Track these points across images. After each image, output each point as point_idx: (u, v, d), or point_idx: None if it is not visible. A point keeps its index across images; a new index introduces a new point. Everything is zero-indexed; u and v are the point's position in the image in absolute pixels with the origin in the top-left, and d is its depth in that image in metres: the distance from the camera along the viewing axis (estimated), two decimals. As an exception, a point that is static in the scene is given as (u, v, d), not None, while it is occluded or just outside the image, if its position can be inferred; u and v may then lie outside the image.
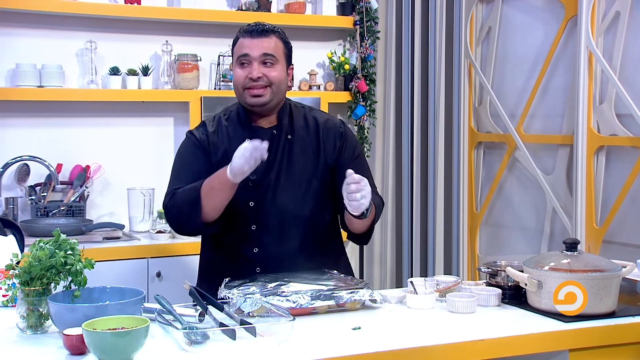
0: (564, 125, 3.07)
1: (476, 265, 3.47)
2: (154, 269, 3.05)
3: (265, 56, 2.09)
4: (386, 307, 1.93)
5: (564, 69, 3.05)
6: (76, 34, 3.41)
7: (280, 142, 2.14)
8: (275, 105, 2.14)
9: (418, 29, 3.65)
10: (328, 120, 2.21)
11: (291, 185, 2.11)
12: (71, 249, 1.70)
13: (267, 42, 2.10)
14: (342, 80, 3.89)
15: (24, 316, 1.68)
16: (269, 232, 2.11)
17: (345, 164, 2.11)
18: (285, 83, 2.14)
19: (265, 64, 2.09)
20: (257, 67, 2.08)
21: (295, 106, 2.23)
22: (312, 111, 2.24)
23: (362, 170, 2.08)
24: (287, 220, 2.11)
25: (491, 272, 2.03)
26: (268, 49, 2.09)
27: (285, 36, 2.18)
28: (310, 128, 2.18)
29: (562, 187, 3.05)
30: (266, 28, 2.13)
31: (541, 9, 3.19)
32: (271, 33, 2.13)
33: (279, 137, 2.15)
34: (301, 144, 2.15)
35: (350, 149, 2.20)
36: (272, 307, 1.73)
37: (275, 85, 2.10)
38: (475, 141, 3.49)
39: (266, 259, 2.11)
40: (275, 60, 2.10)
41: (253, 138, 2.00)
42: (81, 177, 3.36)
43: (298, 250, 2.12)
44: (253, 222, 2.11)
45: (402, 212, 3.78)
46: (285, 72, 2.14)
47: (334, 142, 2.17)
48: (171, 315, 1.70)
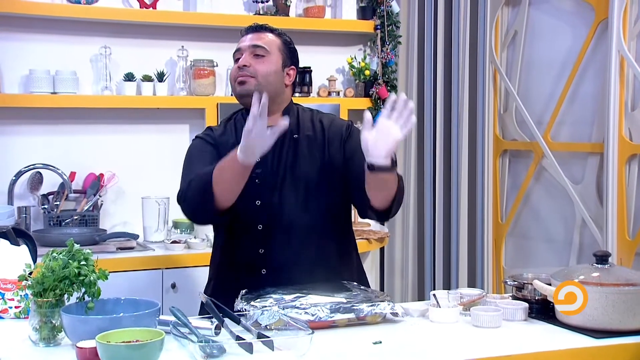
0: (594, 132, 3.05)
1: (501, 277, 3.45)
2: (169, 280, 3.07)
3: (254, 48, 2.13)
4: (408, 320, 1.93)
5: (594, 74, 3.03)
6: (90, 40, 3.45)
7: (285, 141, 2.15)
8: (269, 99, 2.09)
9: (441, 33, 3.65)
10: (334, 121, 2.24)
11: (297, 185, 2.13)
12: (85, 260, 1.72)
13: (258, 36, 2.16)
14: (363, 86, 3.89)
15: (36, 328, 1.69)
16: (275, 232, 2.13)
17: (356, 150, 2.06)
18: (278, 77, 2.15)
19: (256, 57, 2.13)
20: (246, 57, 2.13)
21: (302, 109, 2.27)
22: (319, 114, 2.27)
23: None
24: (294, 220, 2.12)
25: (517, 285, 2.02)
26: (259, 40, 2.14)
27: (286, 37, 2.22)
28: (316, 129, 2.20)
29: (592, 197, 3.03)
30: (263, 26, 2.19)
31: (570, 12, 3.17)
32: (267, 30, 2.18)
33: (282, 137, 2.08)
34: (307, 144, 2.17)
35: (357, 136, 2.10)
36: (290, 320, 1.74)
37: (262, 76, 2.11)
38: (500, 149, 3.48)
39: (272, 260, 2.12)
40: (266, 52, 2.13)
41: None
42: (95, 186, 3.39)
43: (304, 252, 2.13)
44: (259, 221, 2.13)
45: (425, 222, 3.76)
46: (280, 67, 2.15)
47: (339, 139, 2.18)
48: (187, 327, 1.71)
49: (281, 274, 2.09)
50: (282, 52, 2.17)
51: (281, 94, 2.18)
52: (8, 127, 3.34)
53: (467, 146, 3.50)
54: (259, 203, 2.13)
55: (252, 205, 2.12)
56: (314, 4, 3.77)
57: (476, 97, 3.47)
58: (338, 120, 2.26)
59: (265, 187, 2.13)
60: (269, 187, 2.13)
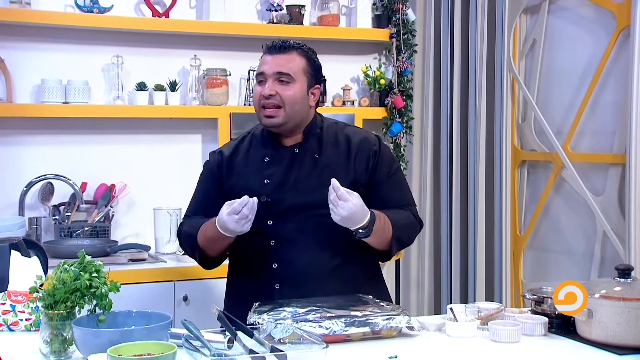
0: (616, 143, 3.03)
1: (520, 291, 3.43)
2: (181, 293, 3.08)
3: (279, 74, 2.12)
4: (424, 334, 1.92)
5: (615, 83, 3.02)
6: (102, 49, 3.48)
7: (305, 162, 2.17)
8: (293, 125, 2.16)
9: (458, 42, 3.65)
10: (361, 137, 2.23)
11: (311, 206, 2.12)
12: (96, 271, 1.73)
13: (284, 60, 2.13)
14: (378, 95, 3.90)
15: (47, 341, 1.70)
16: (289, 247, 2.14)
17: (381, 182, 2.18)
18: (304, 103, 2.15)
19: (280, 82, 2.12)
20: (270, 84, 2.12)
21: (328, 123, 2.26)
22: (346, 128, 2.26)
23: (398, 188, 2.20)
24: (307, 236, 2.13)
25: (537, 299, 2.01)
26: (283, 67, 2.12)
27: (312, 53, 2.19)
28: (340, 146, 2.20)
29: (614, 209, 3.01)
30: (287, 44, 2.15)
31: (590, 19, 3.16)
32: (292, 49, 2.15)
33: (302, 155, 2.18)
34: (329, 162, 2.17)
35: (386, 167, 2.21)
36: (304, 334, 1.74)
37: (289, 106, 2.12)
38: (518, 160, 3.46)
39: (285, 274, 2.14)
40: (291, 78, 2.12)
41: (271, 157, 2.16)
42: (106, 197, 3.41)
43: (321, 266, 2.14)
44: (272, 237, 2.16)
45: (441, 234, 3.75)
46: (305, 91, 2.15)
47: (367, 162, 2.18)
48: (199, 341, 1.71)
49: (295, 289, 2.10)
50: (307, 75, 2.15)
51: (307, 117, 2.19)
52: (19, 137, 3.38)
53: (485, 157, 3.49)
54: (271, 223, 2.15)
55: (265, 225, 2.13)
56: (328, 13, 3.78)
57: (494, 107, 3.47)
58: (366, 139, 2.23)
59: (276, 208, 2.14)
60: (281, 208, 2.14)
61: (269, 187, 2.15)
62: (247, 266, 2.21)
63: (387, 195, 2.19)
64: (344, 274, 2.15)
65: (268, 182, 2.16)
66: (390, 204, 2.18)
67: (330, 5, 3.78)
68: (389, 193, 2.19)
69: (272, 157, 2.19)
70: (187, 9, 3.63)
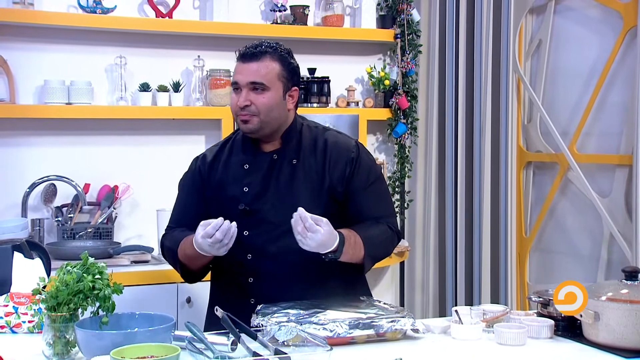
0: (622, 143, 3.02)
1: (526, 293, 3.43)
2: (184, 295, 3.08)
3: (253, 84, 2.10)
4: (429, 337, 1.92)
5: (622, 84, 3.02)
6: (105, 49, 3.48)
7: (283, 168, 2.15)
8: (271, 130, 2.15)
9: (463, 42, 3.65)
10: (339, 142, 2.19)
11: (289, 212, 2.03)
12: (99, 273, 1.73)
13: (256, 66, 2.11)
14: (382, 96, 3.90)
15: (50, 343, 1.71)
16: (265, 261, 2.12)
17: (357, 192, 2.16)
18: (281, 108, 2.13)
19: (255, 90, 2.11)
20: (245, 94, 2.11)
21: (308, 127, 2.23)
22: (326, 132, 2.23)
23: (376, 199, 2.17)
24: (284, 249, 2.10)
25: (543, 302, 2.01)
26: (256, 76, 2.10)
27: (286, 55, 2.16)
28: (317, 151, 2.17)
29: (620, 210, 3.00)
30: (258, 50, 2.12)
31: (597, 19, 3.16)
32: (264, 55, 2.11)
33: (281, 162, 2.16)
34: (306, 169, 2.15)
35: (363, 175, 2.17)
36: (308, 336, 1.74)
37: (264, 114, 2.10)
38: (524, 161, 3.46)
39: (261, 288, 2.12)
40: (265, 87, 2.10)
41: (250, 164, 2.16)
42: (109, 198, 3.42)
43: (296, 281, 2.11)
44: (249, 250, 2.14)
45: (446, 236, 3.75)
46: (281, 96, 2.13)
47: (343, 169, 2.15)
48: (202, 343, 1.71)
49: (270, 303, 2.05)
50: (282, 80, 2.13)
51: (285, 121, 2.18)
52: (22, 138, 3.38)
53: (490, 158, 3.49)
54: (247, 233, 2.13)
55: (241, 235, 2.09)
56: (332, 13, 3.78)
57: (499, 108, 3.46)
58: (344, 145, 2.19)
59: (254, 217, 2.13)
60: (259, 217, 2.13)
61: (248, 195, 2.14)
62: (225, 279, 2.22)
63: (362, 206, 2.15)
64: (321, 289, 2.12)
65: (247, 189, 2.15)
66: (366, 215, 2.15)
67: (335, 6, 3.78)
68: (365, 203, 2.16)
69: (251, 163, 2.18)
70: (190, 10, 3.64)
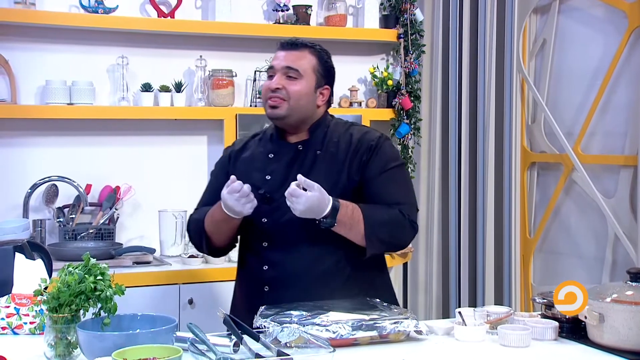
0: (627, 144, 3.02)
1: (530, 295, 3.42)
2: (186, 296, 3.08)
3: (287, 69, 2.17)
4: (432, 339, 1.92)
5: (627, 84, 3.01)
6: (107, 50, 3.49)
7: (306, 158, 2.19)
8: (297, 120, 2.19)
9: (466, 42, 3.65)
10: (363, 134, 2.23)
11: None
12: (101, 274, 1.73)
13: (294, 56, 2.18)
14: (385, 96, 3.90)
15: (51, 344, 1.71)
16: (280, 250, 2.16)
17: (372, 178, 2.16)
18: (310, 100, 2.18)
19: (288, 77, 2.17)
20: (278, 78, 2.17)
21: (336, 122, 2.28)
22: (353, 127, 2.27)
23: (390, 185, 2.16)
24: (300, 239, 2.14)
25: (547, 303, 2.00)
26: (293, 63, 2.17)
27: (325, 54, 2.23)
28: (341, 144, 2.20)
29: (625, 211, 3.00)
30: (299, 42, 2.21)
31: (601, 19, 3.16)
32: (304, 47, 2.20)
33: (305, 152, 2.20)
34: (328, 160, 2.18)
35: (379, 162, 2.18)
36: (310, 338, 1.74)
37: (294, 100, 2.15)
38: (528, 161, 3.46)
39: (275, 277, 2.16)
40: (299, 74, 2.16)
41: (275, 153, 2.21)
42: (111, 199, 3.42)
43: (310, 271, 2.14)
44: (265, 239, 2.19)
45: (449, 237, 3.75)
46: (313, 88, 2.18)
47: (361, 157, 2.18)
48: (204, 344, 1.71)
49: (284, 292, 2.11)
50: (316, 73, 2.19)
51: (312, 115, 2.21)
52: (24, 138, 3.39)
53: (494, 158, 3.49)
54: (265, 221, 2.17)
55: (259, 222, 2.17)
56: (335, 13, 3.78)
57: (503, 108, 3.46)
58: (368, 136, 2.22)
59: (273, 205, 2.16)
60: (277, 205, 2.15)
61: (269, 183, 2.18)
62: (243, 267, 2.28)
63: (376, 192, 2.16)
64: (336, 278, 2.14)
65: (270, 177, 2.20)
66: (379, 200, 2.15)
67: (337, 6, 3.78)
68: (379, 189, 2.16)
69: (276, 153, 2.23)
70: (192, 10, 3.64)
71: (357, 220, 2.08)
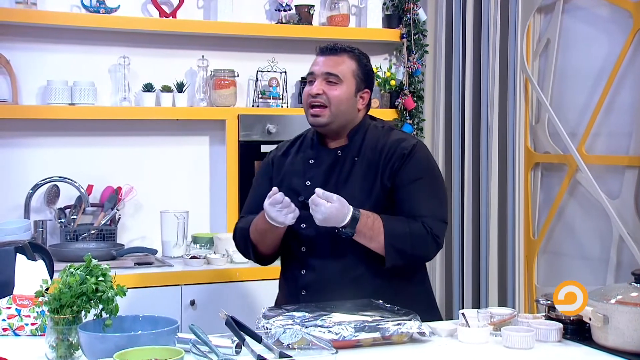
0: (632, 144, 3.01)
1: (534, 296, 3.42)
2: (188, 297, 3.08)
3: (327, 75, 2.19)
4: (436, 340, 1.92)
5: (632, 84, 3.01)
6: (109, 50, 3.49)
7: (345, 164, 2.22)
8: (339, 126, 2.23)
9: (470, 42, 3.64)
10: (397, 142, 2.23)
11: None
12: (103, 275, 1.73)
13: (334, 61, 2.21)
14: (388, 96, 3.90)
15: (53, 346, 1.71)
16: (317, 255, 2.20)
17: (401, 186, 2.18)
18: (350, 105, 2.21)
19: (329, 83, 2.19)
20: (318, 84, 2.20)
21: (375, 126, 2.29)
22: (391, 132, 2.28)
23: (418, 196, 2.16)
24: (336, 244, 2.16)
25: (551, 305, 2.00)
26: (332, 68, 2.20)
27: (364, 58, 2.27)
28: (377, 149, 2.22)
29: (630, 212, 2.99)
30: (339, 47, 2.24)
31: (606, 19, 3.15)
32: (343, 52, 2.23)
33: (344, 158, 2.23)
34: (365, 166, 2.21)
35: (411, 171, 2.18)
36: (313, 339, 1.73)
37: (335, 106, 2.18)
38: (532, 162, 3.45)
39: (312, 282, 2.20)
40: (339, 79, 2.19)
41: (315, 159, 2.24)
42: (112, 199, 3.42)
43: (345, 276, 2.17)
44: (304, 244, 2.22)
45: (453, 238, 3.74)
46: (353, 93, 2.22)
47: (393, 163, 2.19)
48: (206, 346, 1.71)
49: (320, 296, 2.13)
50: (356, 77, 2.22)
51: (353, 119, 2.24)
52: (25, 139, 3.39)
53: (497, 159, 3.49)
54: (305, 226, 2.20)
55: (299, 228, 2.20)
56: (337, 13, 3.78)
57: (506, 108, 3.46)
58: (402, 144, 2.22)
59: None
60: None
61: (309, 188, 2.19)
62: (284, 271, 2.33)
63: (403, 201, 2.17)
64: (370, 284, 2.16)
65: (310, 183, 2.22)
66: (404, 210, 2.16)
67: (340, 5, 3.78)
68: (405, 199, 2.17)
69: (316, 159, 2.26)
70: (194, 9, 3.64)
71: (377, 232, 2.10)
